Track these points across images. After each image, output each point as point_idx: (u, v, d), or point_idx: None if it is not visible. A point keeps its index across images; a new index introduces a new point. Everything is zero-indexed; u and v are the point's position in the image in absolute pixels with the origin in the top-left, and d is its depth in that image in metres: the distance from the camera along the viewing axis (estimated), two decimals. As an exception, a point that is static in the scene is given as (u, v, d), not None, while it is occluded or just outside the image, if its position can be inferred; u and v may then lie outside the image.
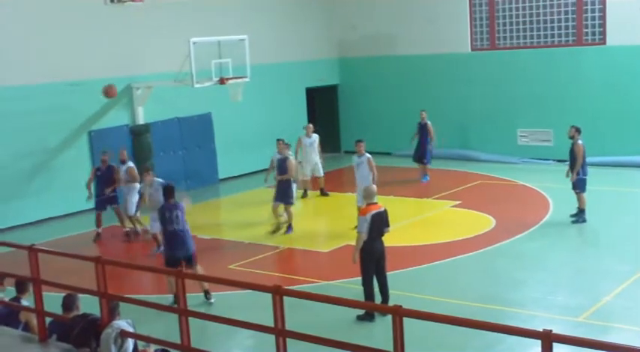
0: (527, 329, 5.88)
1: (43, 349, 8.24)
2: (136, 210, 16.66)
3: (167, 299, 11.94)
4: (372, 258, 11.15)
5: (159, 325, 9.82)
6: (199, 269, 12.13)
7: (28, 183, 18.63)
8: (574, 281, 13.00)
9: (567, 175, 16.02)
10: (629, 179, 20.13)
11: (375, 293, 11.28)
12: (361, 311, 11.06)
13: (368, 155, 16.08)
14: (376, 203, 11.27)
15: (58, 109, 19.01)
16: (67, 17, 19.11)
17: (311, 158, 19.83)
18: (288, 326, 6.75)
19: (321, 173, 19.92)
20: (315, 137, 19.96)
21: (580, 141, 15.55)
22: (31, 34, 18.42)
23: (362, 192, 11.81)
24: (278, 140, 17.28)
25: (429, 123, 20.88)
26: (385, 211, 11.29)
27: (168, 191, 12.17)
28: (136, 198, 16.52)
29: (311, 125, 20.44)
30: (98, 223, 16.93)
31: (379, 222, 11.10)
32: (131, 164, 16.96)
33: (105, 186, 16.79)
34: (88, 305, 8.45)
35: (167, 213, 11.90)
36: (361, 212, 11.30)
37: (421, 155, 20.88)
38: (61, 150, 19.24)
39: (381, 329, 10.51)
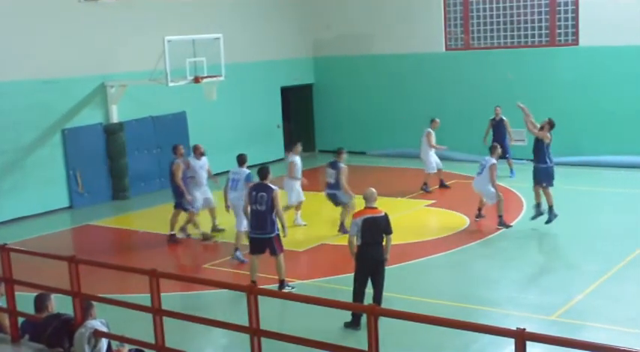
0: (501, 328, 5.94)
1: (15, 349, 8.18)
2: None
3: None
4: (364, 265, 10.61)
5: (137, 325, 9.77)
6: (281, 259, 12.25)
7: (0, 181, 18.43)
8: (547, 280, 13.13)
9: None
10: (601, 179, 20.31)
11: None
12: (348, 318, 10.65)
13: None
14: (375, 208, 10.73)
15: (31, 107, 18.82)
16: (41, 14, 18.92)
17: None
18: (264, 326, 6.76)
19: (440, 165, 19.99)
20: None
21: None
22: (4, 31, 18.22)
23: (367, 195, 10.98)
24: (339, 149, 16.04)
25: (505, 118, 20.97)
26: (384, 217, 10.68)
27: (260, 172, 12.60)
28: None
29: (438, 120, 20.07)
30: (175, 224, 16.04)
31: (372, 228, 10.50)
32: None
33: (192, 183, 16.25)
34: (63, 304, 8.39)
35: (253, 192, 12.33)
36: (354, 215, 10.83)
37: (504, 151, 20.97)
38: (34, 148, 19.05)
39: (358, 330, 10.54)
